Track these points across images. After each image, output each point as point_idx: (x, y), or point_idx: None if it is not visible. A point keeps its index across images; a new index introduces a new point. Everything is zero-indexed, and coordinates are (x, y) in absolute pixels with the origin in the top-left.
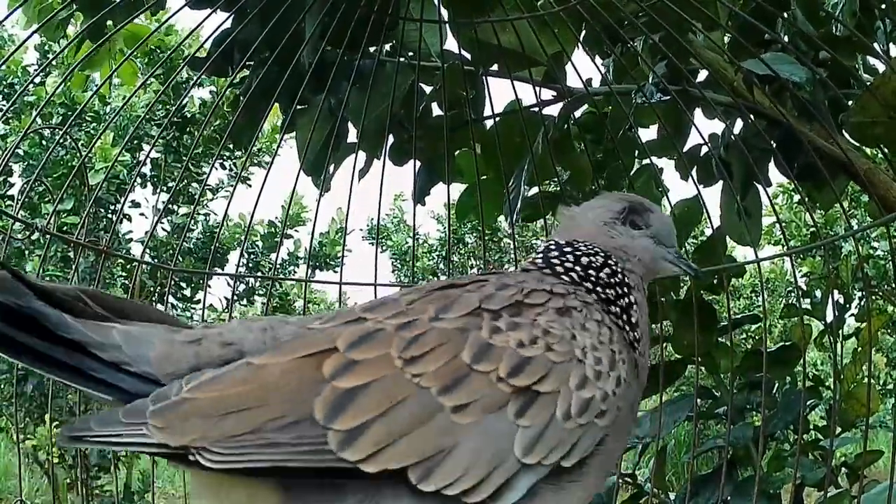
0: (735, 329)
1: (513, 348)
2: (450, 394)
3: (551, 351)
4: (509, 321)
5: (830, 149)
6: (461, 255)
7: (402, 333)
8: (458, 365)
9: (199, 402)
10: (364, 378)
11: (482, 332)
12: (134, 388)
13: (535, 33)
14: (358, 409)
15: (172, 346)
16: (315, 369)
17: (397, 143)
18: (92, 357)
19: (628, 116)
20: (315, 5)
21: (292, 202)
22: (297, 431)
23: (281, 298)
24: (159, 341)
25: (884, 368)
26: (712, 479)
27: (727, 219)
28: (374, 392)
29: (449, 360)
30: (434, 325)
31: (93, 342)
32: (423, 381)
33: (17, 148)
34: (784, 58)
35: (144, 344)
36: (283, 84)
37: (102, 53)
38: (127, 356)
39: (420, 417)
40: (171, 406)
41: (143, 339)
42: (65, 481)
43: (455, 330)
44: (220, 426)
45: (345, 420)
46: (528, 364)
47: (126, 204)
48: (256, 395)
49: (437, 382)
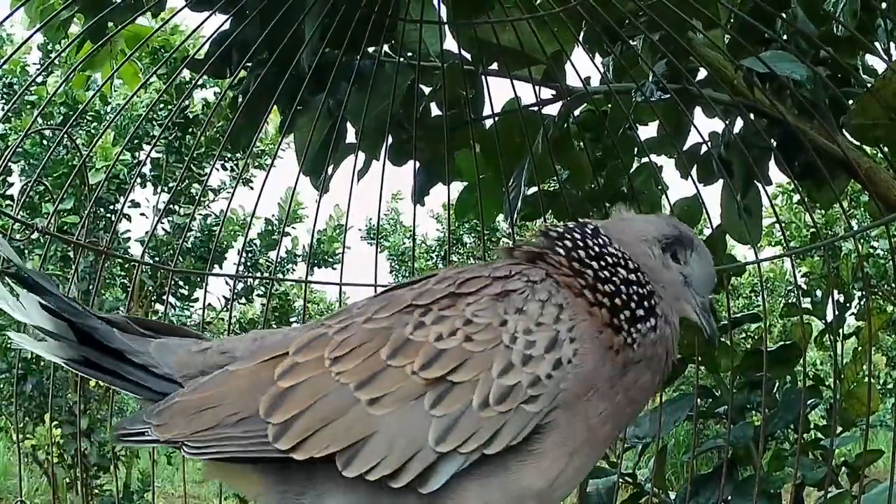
0: (735, 328)
1: (430, 342)
2: (365, 388)
3: (470, 341)
4: (436, 315)
5: (830, 147)
6: (460, 254)
7: (337, 336)
8: (375, 361)
9: (185, 403)
10: (300, 377)
11: (406, 328)
12: (159, 387)
13: (534, 33)
14: (289, 405)
15: (187, 354)
16: (269, 371)
17: (397, 144)
18: (128, 362)
19: (628, 115)
20: (315, 6)
21: (291, 200)
22: (246, 426)
23: (281, 298)
24: (180, 350)
25: (884, 368)
26: (712, 478)
27: (727, 218)
28: (304, 389)
29: (367, 357)
30: (364, 326)
31: (130, 349)
32: (342, 378)
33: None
34: (784, 56)
35: (169, 352)
36: (283, 85)
37: (103, 54)
38: (155, 360)
39: (339, 410)
40: (167, 407)
41: (170, 348)
42: (64, 481)
43: (381, 329)
44: (193, 423)
45: (278, 414)
46: (442, 356)
47: (126, 204)
48: (222, 396)
49: (355, 378)
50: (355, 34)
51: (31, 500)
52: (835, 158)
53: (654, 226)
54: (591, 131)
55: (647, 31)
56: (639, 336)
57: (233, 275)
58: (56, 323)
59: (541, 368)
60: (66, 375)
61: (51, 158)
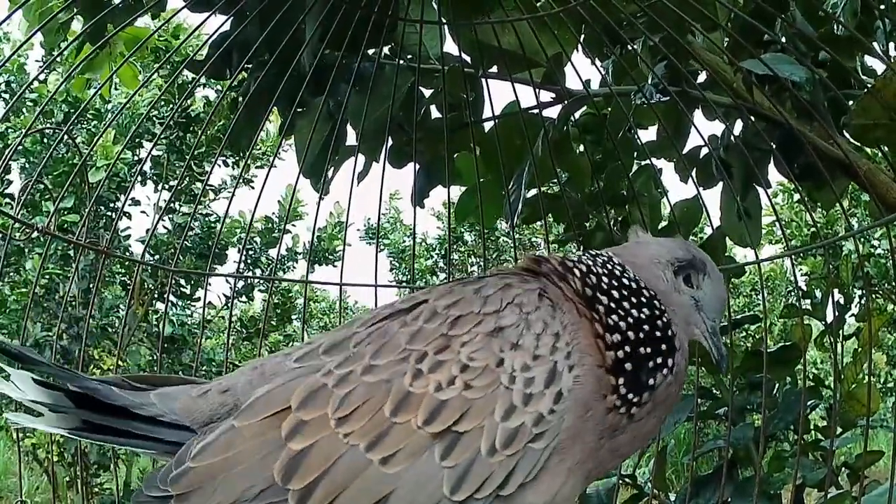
0: (735, 329)
1: (430, 393)
2: (376, 448)
3: (469, 388)
4: (432, 361)
5: (830, 149)
6: (461, 253)
7: (338, 391)
8: (380, 419)
9: (199, 471)
10: (309, 439)
11: (405, 379)
12: (171, 437)
13: (535, 34)
14: (305, 470)
15: (190, 400)
16: (276, 429)
17: (397, 146)
18: (134, 416)
19: (628, 117)
20: (314, 7)
21: (292, 200)
22: (267, 498)
23: (282, 296)
24: (181, 396)
25: (884, 368)
26: (713, 479)
27: (727, 219)
28: (316, 452)
29: (372, 415)
30: (363, 380)
31: (134, 404)
32: (351, 440)
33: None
34: (784, 58)
35: (171, 399)
36: (283, 86)
37: (103, 56)
38: (160, 409)
39: (354, 472)
40: (181, 475)
41: (171, 395)
42: (64, 479)
43: (380, 382)
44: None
45: (296, 480)
46: (444, 408)
47: (126, 202)
48: (234, 462)
49: (364, 439)
50: (355, 35)
51: (32, 498)
52: (835, 160)
53: (666, 249)
54: (592, 134)
55: (648, 32)
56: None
57: (233, 274)
58: (52, 394)
59: (543, 405)
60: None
61: (50, 157)
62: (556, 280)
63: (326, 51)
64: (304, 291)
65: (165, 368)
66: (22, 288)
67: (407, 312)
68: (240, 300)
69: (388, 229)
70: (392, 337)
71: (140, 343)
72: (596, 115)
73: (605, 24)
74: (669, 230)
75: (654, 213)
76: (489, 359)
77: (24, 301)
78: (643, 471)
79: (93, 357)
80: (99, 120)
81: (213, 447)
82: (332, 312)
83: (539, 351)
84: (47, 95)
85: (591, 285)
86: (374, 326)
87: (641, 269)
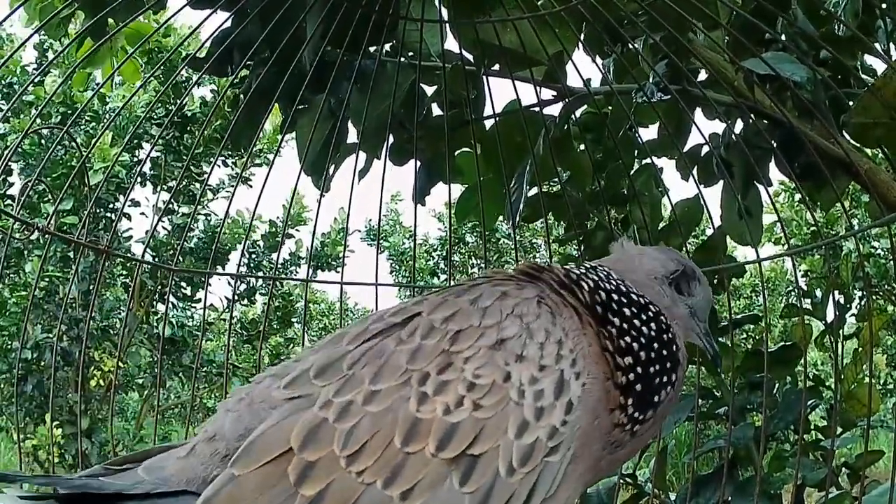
0: (736, 329)
1: (440, 417)
2: (393, 484)
3: (479, 408)
4: (437, 382)
5: (831, 148)
6: (461, 254)
7: (340, 426)
8: (391, 453)
9: None
10: (321, 483)
11: (410, 405)
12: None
13: (535, 33)
14: None
15: (179, 462)
16: (282, 476)
17: (398, 144)
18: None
19: (629, 116)
20: (316, 5)
21: (293, 202)
22: None
23: (283, 298)
24: (169, 462)
25: (884, 368)
26: (713, 479)
27: (728, 218)
28: (332, 497)
29: (383, 449)
30: (366, 410)
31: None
32: (366, 478)
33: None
34: (785, 57)
35: (160, 469)
36: (284, 84)
37: (104, 52)
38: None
39: None
40: None
41: (157, 465)
42: None
43: (385, 410)
44: None
45: None
46: (456, 431)
47: (126, 203)
48: None
49: (379, 476)
50: (356, 33)
51: None
52: (835, 159)
53: (660, 263)
54: (593, 132)
55: (649, 31)
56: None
57: (234, 274)
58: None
59: (555, 417)
60: (66, 376)
61: (49, 158)
62: (557, 287)
63: (328, 48)
64: (305, 292)
65: (166, 370)
66: (22, 290)
67: (401, 327)
68: (241, 302)
69: (387, 231)
70: (389, 357)
71: (140, 344)
72: (597, 114)
73: (606, 22)
74: (670, 229)
75: (654, 212)
76: (495, 374)
77: (23, 303)
78: (643, 471)
79: (93, 359)
80: (96, 122)
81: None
82: (331, 314)
83: (544, 361)
84: (44, 97)
85: (602, 302)
86: (368, 345)
87: (643, 287)
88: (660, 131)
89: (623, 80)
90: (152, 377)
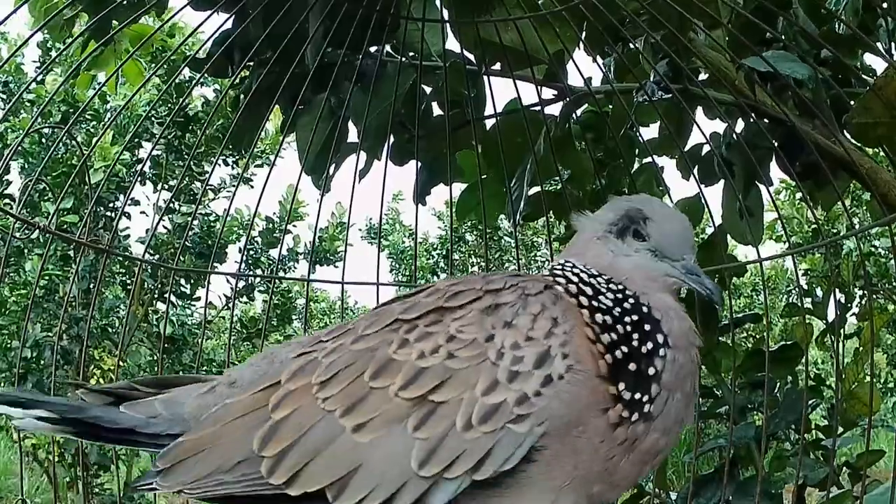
0: (736, 328)
1: (412, 360)
2: (350, 414)
3: (453, 358)
4: (421, 331)
5: (832, 147)
6: (462, 253)
7: (325, 360)
8: (359, 385)
9: (186, 446)
10: (290, 408)
11: (390, 347)
12: None
13: (536, 32)
14: (280, 437)
15: (198, 398)
16: (265, 403)
17: (398, 143)
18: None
19: (630, 115)
20: (317, 6)
21: (293, 199)
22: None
23: (282, 296)
24: (189, 399)
25: (885, 367)
26: (714, 478)
27: (728, 218)
28: (294, 419)
29: (352, 380)
30: (350, 347)
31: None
32: (328, 405)
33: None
34: (786, 56)
35: (177, 405)
36: (285, 84)
37: (108, 53)
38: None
39: (326, 440)
40: (171, 450)
41: (178, 400)
42: (65, 480)
43: (365, 349)
44: (194, 470)
45: (270, 447)
46: (423, 374)
47: (126, 202)
48: (221, 435)
49: (340, 404)
50: (357, 33)
51: (32, 499)
52: (836, 158)
53: (598, 221)
54: (593, 131)
55: (650, 30)
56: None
57: (234, 273)
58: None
59: (529, 385)
60: (66, 374)
61: (50, 157)
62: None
63: (329, 49)
64: (306, 290)
65: (166, 369)
66: (22, 289)
67: (409, 295)
68: (240, 301)
69: (387, 230)
70: (388, 311)
71: (140, 343)
72: (597, 113)
73: (607, 21)
74: None
75: None
76: (479, 333)
77: (23, 302)
78: None
79: (93, 357)
80: (97, 121)
81: (204, 423)
82: (332, 312)
83: (533, 333)
84: (45, 96)
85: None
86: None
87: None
88: (660, 130)
89: (624, 79)
90: None
